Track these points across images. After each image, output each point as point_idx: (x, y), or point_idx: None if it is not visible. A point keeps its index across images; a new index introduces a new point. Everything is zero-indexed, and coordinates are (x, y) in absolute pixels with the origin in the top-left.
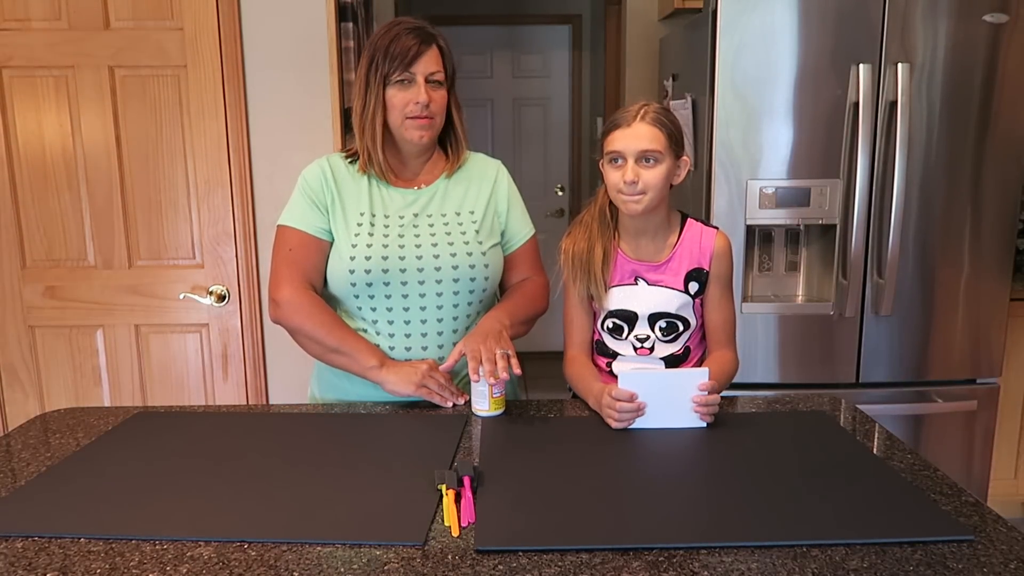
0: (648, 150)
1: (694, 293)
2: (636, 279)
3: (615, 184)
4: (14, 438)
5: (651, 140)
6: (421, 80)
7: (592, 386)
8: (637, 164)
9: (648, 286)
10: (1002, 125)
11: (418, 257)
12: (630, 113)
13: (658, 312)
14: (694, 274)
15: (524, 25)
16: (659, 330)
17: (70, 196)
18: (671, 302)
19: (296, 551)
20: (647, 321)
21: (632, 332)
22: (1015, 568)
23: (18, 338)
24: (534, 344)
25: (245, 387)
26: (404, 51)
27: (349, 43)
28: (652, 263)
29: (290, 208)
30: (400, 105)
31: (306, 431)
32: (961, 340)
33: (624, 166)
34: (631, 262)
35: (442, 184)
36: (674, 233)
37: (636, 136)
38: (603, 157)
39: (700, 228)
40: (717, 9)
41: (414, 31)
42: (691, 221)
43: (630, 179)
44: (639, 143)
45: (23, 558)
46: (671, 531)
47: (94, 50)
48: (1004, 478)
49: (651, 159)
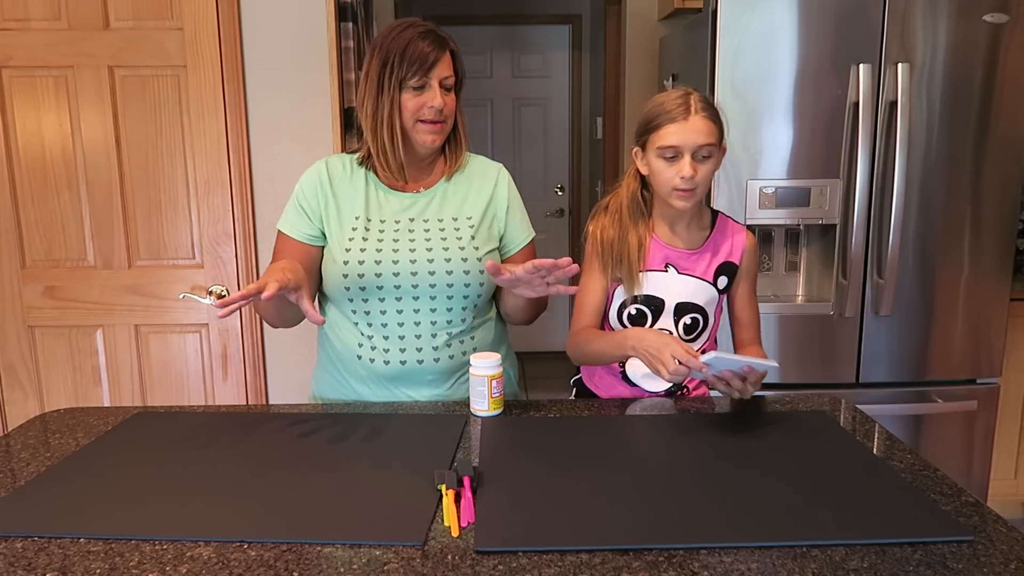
0: (705, 144)
1: (722, 288)
2: (667, 266)
3: (668, 179)
4: (14, 438)
5: (708, 134)
6: (436, 84)
7: (614, 336)
8: (693, 159)
9: (678, 274)
10: (1002, 125)
11: (412, 262)
12: (682, 105)
13: (685, 303)
14: (724, 268)
15: (524, 25)
16: (683, 326)
17: (70, 196)
18: (699, 293)
19: (296, 551)
20: (673, 312)
21: (655, 323)
22: (1015, 568)
23: (18, 338)
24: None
25: (245, 387)
26: (423, 57)
27: (349, 43)
28: (686, 251)
29: (285, 212)
30: (413, 109)
31: (306, 431)
32: (961, 340)
33: (680, 161)
34: (664, 248)
35: (441, 188)
36: (706, 224)
37: (694, 131)
38: (645, 149)
39: (730, 223)
40: (717, 9)
41: (428, 35)
42: (721, 215)
43: (689, 175)
44: (697, 138)
45: (23, 558)
46: (671, 531)
47: (94, 50)
48: (1004, 478)
49: (707, 154)
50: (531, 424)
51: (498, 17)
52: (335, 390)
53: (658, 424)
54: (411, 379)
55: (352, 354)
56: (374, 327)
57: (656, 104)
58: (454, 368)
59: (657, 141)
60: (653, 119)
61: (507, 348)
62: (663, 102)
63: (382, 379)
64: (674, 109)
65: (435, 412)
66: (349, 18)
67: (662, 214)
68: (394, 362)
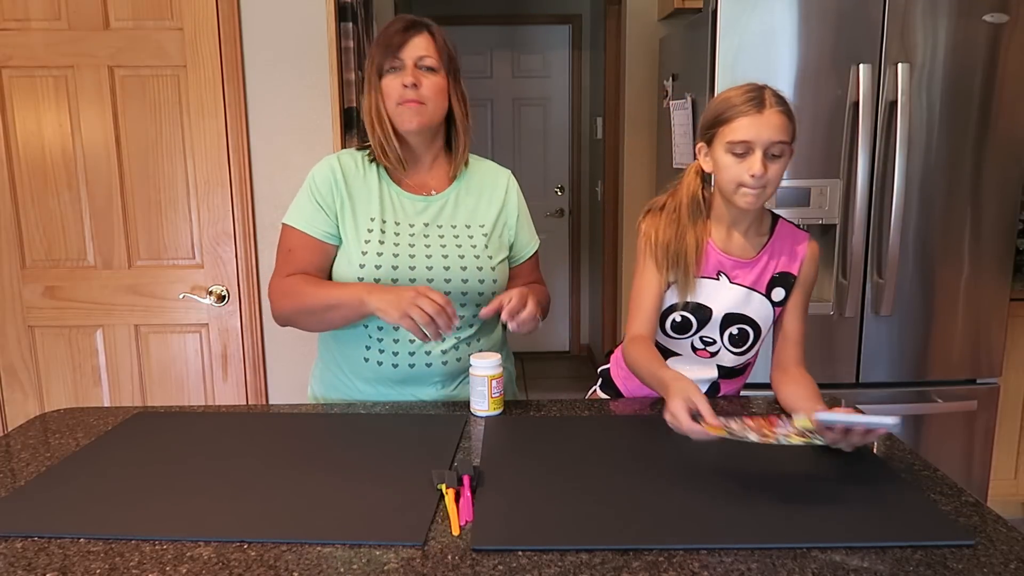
0: (778, 141)
1: (778, 300)
2: (719, 274)
3: (736, 176)
4: (14, 438)
5: (782, 130)
6: (410, 64)
7: (662, 374)
8: (764, 156)
9: (730, 284)
10: (1002, 125)
11: (428, 268)
12: (755, 98)
13: (733, 313)
14: (780, 278)
15: (524, 25)
16: (728, 337)
17: (70, 196)
18: (749, 304)
19: (296, 551)
20: (719, 322)
21: (699, 332)
22: (1015, 568)
23: (18, 338)
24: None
25: (245, 387)
26: (390, 37)
27: (349, 43)
28: (740, 259)
29: (296, 207)
30: (393, 93)
31: (306, 431)
32: (961, 340)
33: (751, 157)
34: (718, 254)
35: (453, 193)
36: (765, 230)
37: (769, 125)
38: (712, 144)
39: (792, 229)
40: (717, 9)
41: (403, 21)
42: (782, 221)
43: (759, 172)
44: (772, 133)
45: (23, 558)
46: (671, 531)
47: (94, 50)
48: (1004, 478)
49: (778, 152)
50: (531, 424)
51: (498, 17)
52: (338, 390)
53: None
54: (418, 381)
55: (359, 356)
56: (384, 330)
57: (725, 98)
58: (461, 370)
59: (727, 135)
60: (723, 112)
61: (507, 348)
62: (734, 96)
63: (388, 381)
64: (747, 102)
65: (435, 412)
66: (349, 18)
67: (721, 216)
68: (403, 365)
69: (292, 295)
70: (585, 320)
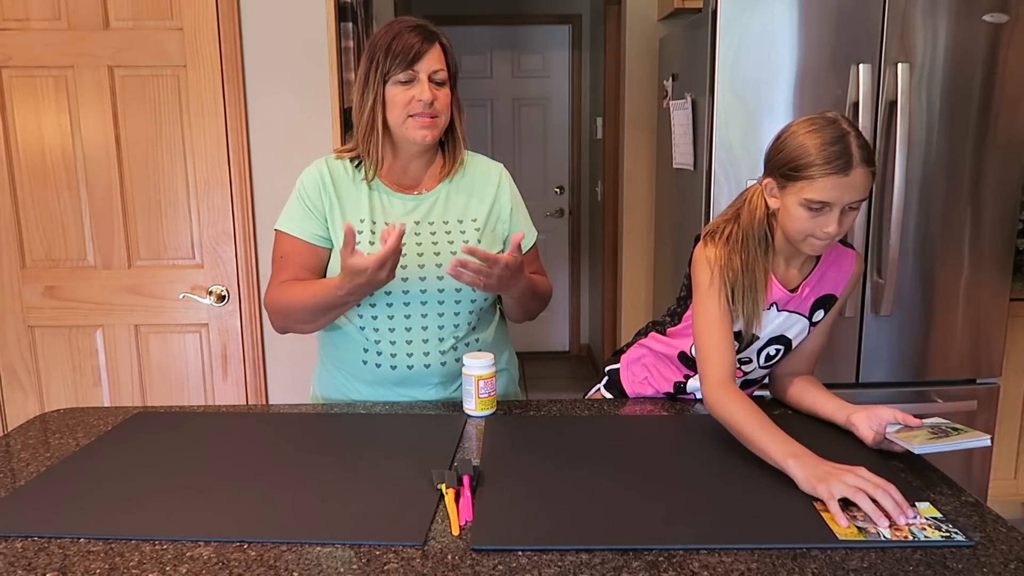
0: (860, 200)
1: (817, 320)
2: (772, 304)
3: (808, 230)
4: (14, 438)
5: (865, 189)
6: (425, 78)
7: (790, 445)
8: (842, 213)
9: (778, 311)
10: (1002, 125)
11: (420, 266)
12: (842, 155)
13: (776, 336)
14: (823, 301)
15: (524, 25)
16: (764, 356)
17: (70, 196)
18: (793, 328)
19: (296, 551)
20: (759, 345)
21: (738, 353)
22: (1015, 568)
23: (18, 338)
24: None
25: (245, 387)
26: (407, 49)
27: (349, 43)
28: (789, 291)
29: (286, 213)
30: (403, 103)
31: (306, 431)
32: (961, 340)
33: (828, 215)
34: (777, 286)
35: (443, 190)
36: (814, 259)
37: (853, 187)
38: (785, 188)
39: (839, 250)
40: (717, 9)
41: (416, 29)
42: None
43: (835, 231)
44: (854, 195)
45: (23, 558)
46: (671, 531)
47: (94, 50)
48: (1004, 478)
49: (856, 206)
50: (531, 424)
51: (498, 17)
52: (339, 390)
53: (658, 424)
54: (417, 382)
55: (357, 359)
56: (381, 332)
57: (804, 147)
58: (460, 370)
59: (805, 192)
60: (803, 166)
61: (508, 349)
62: (814, 146)
63: (388, 382)
64: (832, 161)
65: (435, 412)
66: (349, 18)
67: (781, 249)
68: (401, 367)
69: (282, 300)
70: (585, 320)
